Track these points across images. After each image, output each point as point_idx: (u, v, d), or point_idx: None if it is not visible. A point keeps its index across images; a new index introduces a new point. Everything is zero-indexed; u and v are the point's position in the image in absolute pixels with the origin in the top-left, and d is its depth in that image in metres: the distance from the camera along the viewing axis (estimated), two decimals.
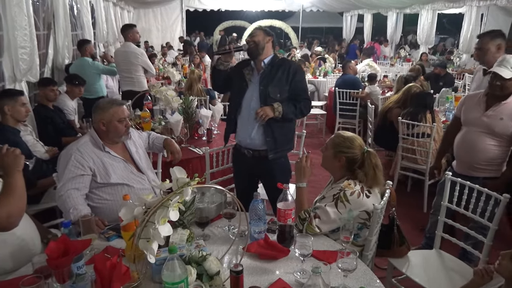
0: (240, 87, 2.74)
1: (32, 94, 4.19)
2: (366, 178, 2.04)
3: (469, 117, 2.77)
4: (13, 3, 3.29)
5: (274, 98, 2.63)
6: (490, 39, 3.00)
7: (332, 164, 2.15)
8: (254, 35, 2.68)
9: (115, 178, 2.30)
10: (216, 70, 2.83)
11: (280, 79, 2.65)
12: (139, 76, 5.30)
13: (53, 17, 5.01)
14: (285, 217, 1.84)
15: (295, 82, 2.68)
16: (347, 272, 1.57)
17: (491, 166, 2.69)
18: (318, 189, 2.42)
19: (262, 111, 2.58)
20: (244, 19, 18.40)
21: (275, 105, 2.60)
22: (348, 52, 14.12)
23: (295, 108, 2.67)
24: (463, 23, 10.04)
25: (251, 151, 2.76)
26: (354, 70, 6.78)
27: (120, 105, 2.40)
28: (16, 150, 1.82)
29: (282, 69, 2.66)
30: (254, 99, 2.68)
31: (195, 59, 9.13)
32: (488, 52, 2.99)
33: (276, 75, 2.65)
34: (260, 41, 2.64)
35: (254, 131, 2.70)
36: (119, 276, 1.31)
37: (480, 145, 2.67)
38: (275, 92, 2.64)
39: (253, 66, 2.75)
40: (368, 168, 2.05)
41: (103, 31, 8.03)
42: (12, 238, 1.91)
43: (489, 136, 2.65)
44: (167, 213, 1.42)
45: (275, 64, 2.68)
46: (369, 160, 2.06)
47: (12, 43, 3.37)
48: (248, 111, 2.69)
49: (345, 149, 2.09)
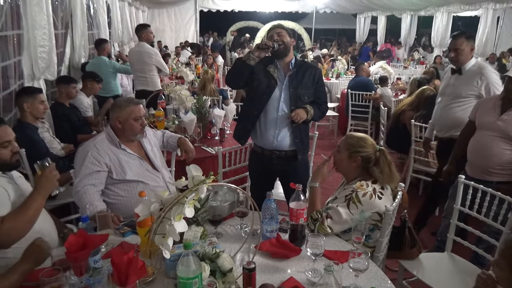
0: (268, 85, 2.66)
1: (49, 92, 4.28)
2: (382, 175, 2.08)
3: (484, 121, 2.75)
4: (33, 2, 3.36)
5: (303, 101, 2.67)
6: (465, 40, 3.12)
7: (347, 165, 2.18)
8: (281, 34, 2.63)
9: (130, 175, 2.35)
10: (244, 64, 2.64)
11: (307, 83, 2.69)
12: (152, 76, 5.35)
13: (71, 17, 5.10)
14: (297, 216, 1.86)
15: (319, 86, 2.75)
16: (359, 272, 1.59)
17: (505, 170, 2.67)
18: (330, 191, 2.44)
19: (296, 114, 2.59)
20: (257, 20, 18.45)
21: (307, 108, 2.63)
22: (361, 54, 14.06)
23: (319, 111, 2.74)
24: (479, 26, 9.92)
25: (277, 152, 2.73)
26: (367, 72, 6.76)
27: (136, 104, 2.45)
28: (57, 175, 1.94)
29: (308, 73, 2.70)
30: (283, 101, 2.66)
31: (208, 59, 9.20)
32: (463, 52, 3.12)
33: (303, 78, 2.68)
34: (288, 41, 2.64)
35: (283, 132, 2.69)
36: (135, 270, 1.34)
37: (494, 149, 2.65)
38: (304, 95, 2.67)
39: (277, 66, 2.69)
40: (383, 165, 2.09)
41: (118, 31, 8.14)
42: (30, 232, 1.96)
43: (504, 140, 2.63)
44: (182, 210, 1.45)
45: (299, 66, 2.70)
46: (384, 158, 2.11)
47: (31, 42, 3.44)
48: (276, 111, 2.66)
49: (359, 149, 2.13)
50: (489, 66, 3.28)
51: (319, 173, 2.21)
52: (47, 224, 2.09)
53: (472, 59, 3.19)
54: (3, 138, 1.92)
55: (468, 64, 3.16)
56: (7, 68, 3.20)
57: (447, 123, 3.29)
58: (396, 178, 2.12)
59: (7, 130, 1.97)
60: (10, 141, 1.97)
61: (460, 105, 3.19)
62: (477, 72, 3.10)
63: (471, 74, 3.13)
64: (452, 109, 3.24)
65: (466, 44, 3.12)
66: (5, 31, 3.11)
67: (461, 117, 3.13)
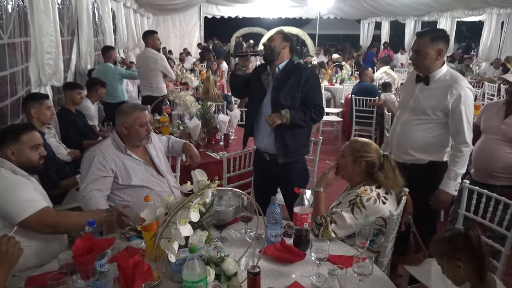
0: (258, 93, 2.77)
1: (55, 98, 4.32)
2: (387, 180, 2.09)
3: (488, 125, 2.76)
4: (41, 10, 3.40)
5: (285, 104, 2.64)
6: (430, 41, 2.47)
7: (352, 170, 2.18)
8: (271, 39, 2.70)
9: (136, 180, 2.37)
10: (234, 76, 2.87)
11: (292, 86, 2.66)
12: (158, 82, 5.41)
13: (77, 24, 5.16)
14: (301, 221, 1.87)
15: (306, 89, 2.68)
16: (363, 276, 1.59)
17: (509, 174, 2.67)
18: (334, 196, 2.45)
19: (269, 119, 2.61)
20: (261, 26, 18.54)
21: (282, 112, 2.61)
22: (365, 60, 14.08)
23: (304, 115, 2.66)
24: (483, 31, 9.93)
25: (267, 155, 2.82)
26: (371, 78, 6.77)
27: (142, 110, 2.47)
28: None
29: (294, 75, 2.67)
30: (267, 105, 2.72)
31: (213, 65, 9.25)
32: (427, 56, 2.49)
33: (288, 82, 2.67)
34: (276, 46, 2.67)
35: (267, 136, 2.76)
36: (141, 274, 1.36)
37: (498, 153, 2.66)
38: (286, 99, 2.65)
39: (269, 71, 2.77)
40: (388, 170, 2.10)
41: (123, 37, 8.21)
42: (37, 235, 1.99)
43: (507, 144, 2.64)
44: (188, 214, 1.47)
45: (288, 70, 2.70)
46: (388, 163, 2.12)
47: (38, 49, 3.48)
48: (264, 116, 2.72)
49: (364, 154, 2.14)
50: (465, 79, 2.55)
51: (324, 179, 2.22)
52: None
53: (443, 66, 2.54)
54: (34, 142, 2.11)
55: (438, 72, 2.52)
56: (15, 74, 3.24)
57: (406, 143, 2.63)
58: (400, 183, 2.13)
59: (37, 134, 2.17)
60: (40, 144, 2.15)
61: (423, 123, 2.56)
62: (448, 85, 2.48)
63: (440, 86, 2.51)
64: (413, 126, 2.60)
65: (431, 46, 2.46)
66: (13, 38, 3.15)
67: (424, 137, 2.56)
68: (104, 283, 1.45)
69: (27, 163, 2.07)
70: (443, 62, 2.55)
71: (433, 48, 2.46)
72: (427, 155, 2.58)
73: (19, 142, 2.05)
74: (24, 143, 2.06)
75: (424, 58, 2.50)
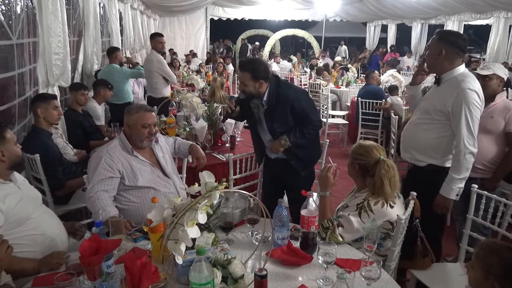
0: (251, 122, 2.96)
1: (62, 99, 4.33)
2: (374, 187, 2.03)
3: None
4: (49, 11, 3.43)
5: (282, 131, 2.77)
6: (437, 40, 2.48)
7: (350, 171, 2.20)
8: (244, 84, 2.71)
9: (142, 181, 2.37)
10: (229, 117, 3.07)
11: (281, 115, 2.75)
12: (156, 83, 5.48)
13: (84, 25, 5.18)
14: (308, 224, 1.86)
15: (297, 113, 2.75)
16: (371, 280, 1.58)
17: (487, 167, 2.77)
18: (339, 198, 2.43)
19: (273, 149, 2.83)
20: (267, 28, 18.57)
21: (282, 141, 2.76)
22: (370, 63, 14.05)
23: (302, 134, 2.78)
24: (490, 35, 9.88)
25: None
26: (378, 81, 6.74)
27: (146, 111, 2.47)
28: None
29: (280, 105, 2.74)
30: (267, 133, 2.86)
31: (219, 67, 9.26)
32: (430, 53, 2.54)
33: (276, 112, 2.76)
34: (251, 89, 2.71)
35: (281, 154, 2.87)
36: (148, 275, 1.35)
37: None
38: (281, 126, 2.77)
39: (256, 102, 2.83)
40: (377, 177, 2.03)
41: (130, 38, 8.24)
42: (42, 238, 1.99)
43: (483, 135, 2.69)
44: (195, 215, 1.46)
45: (273, 102, 2.74)
46: (380, 170, 2.03)
47: (46, 49, 3.50)
48: (266, 142, 2.91)
49: (358, 156, 2.13)
50: (471, 81, 2.40)
51: (327, 182, 2.16)
52: (59, 230, 2.12)
53: (456, 68, 2.44)
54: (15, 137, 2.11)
55: (449, 74, 2.46)
56: (23, 74, 3.25)
57: (409, 142, 2.66)
58: (386, 193, 2.00)
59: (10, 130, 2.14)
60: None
61: (425, 123, 2.54)
62: (453, 85, 2.41)
63: (447, 87, 2.45)
64: (417, 126, 2.60)
65: (435, 44, 2.47)
66: (21, 39, 3.16)
67: (424, 138, 2.53)
68: (111, 284, 1.45)
69: (17, 159, 2.08)
70: (458, 64, 2.46)
71: (436, 47, 2.46)
72: (425, 157, 2.55)
73: (5, 141, 2.05)
74: (10, 141, 2.07)
75: (428, 57, 2.57)
